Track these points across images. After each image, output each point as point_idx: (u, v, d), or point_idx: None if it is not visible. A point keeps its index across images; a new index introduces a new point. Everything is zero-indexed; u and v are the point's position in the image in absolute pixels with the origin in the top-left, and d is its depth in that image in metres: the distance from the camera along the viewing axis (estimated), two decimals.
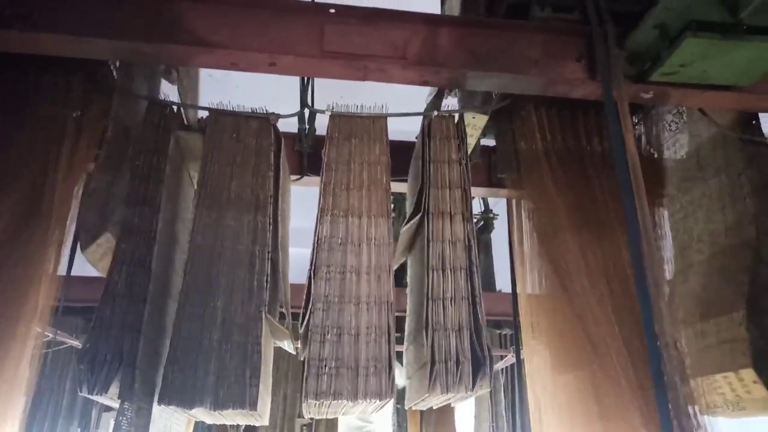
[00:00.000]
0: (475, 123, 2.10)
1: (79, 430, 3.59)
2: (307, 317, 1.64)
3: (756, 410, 1.94)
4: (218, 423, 1.71)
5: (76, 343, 2.85)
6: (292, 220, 2.21)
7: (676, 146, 2.21)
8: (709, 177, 2.12)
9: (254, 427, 5.23)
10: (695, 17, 1.55)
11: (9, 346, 1.77)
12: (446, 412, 4.46)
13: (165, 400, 1.50)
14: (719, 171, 2.06)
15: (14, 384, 1.91)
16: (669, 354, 1.46)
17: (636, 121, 2.14)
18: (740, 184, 1.97)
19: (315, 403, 1.58)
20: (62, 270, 1.97)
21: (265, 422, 1.83)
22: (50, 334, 2.53)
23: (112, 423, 3.52)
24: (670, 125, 2.16)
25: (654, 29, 1.68)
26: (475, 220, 4.87)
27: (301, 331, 1.66)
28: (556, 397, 1.92)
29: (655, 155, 2.14)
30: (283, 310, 1.83)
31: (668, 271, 2.16)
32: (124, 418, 1.48)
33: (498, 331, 4.10)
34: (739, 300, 1.80)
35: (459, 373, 1.59)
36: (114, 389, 1.48)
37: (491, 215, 4.59)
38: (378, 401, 1.58)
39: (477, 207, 4.79)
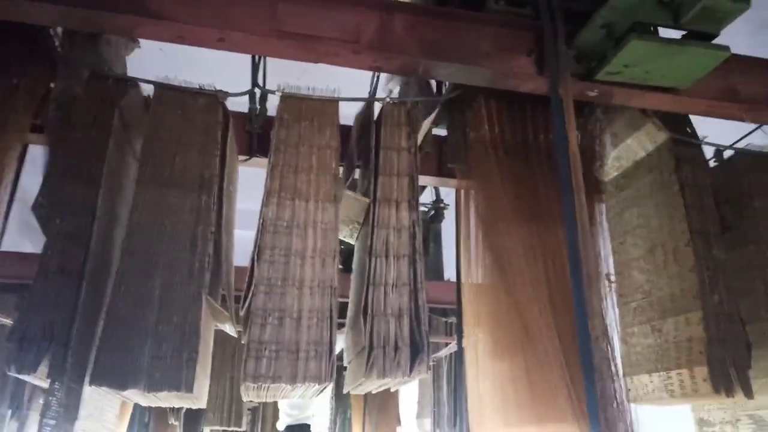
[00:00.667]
0: None
1: (9, 411, 3.45)
2: (248, 300, 1.63)
3: (689, 402, 2.05)
4: (153, 405, 1.67)
5: (9, 322, 2.73)
6: (240, 202, 2.18)
7: (614, 143, 2.29)
8: (643, 175, 2.21)
9: (197, 410, 5.17)
10: (639, 19, 1.60)
11: None
12: (389, 397, 4.52)
13: (97, 381, 1.46)
14: (652, 169, 2.15)
15: None
16: (599, 347, 1.53)
17: (584, 116, 2.20)
18: (671, 182, 2.06)
19: (253, 386, 1.57)
20: None
21: (202, 405, 1.80)
22: None
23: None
24: (609, 123, 2.23)
25: (601, 29, 1.73)
26: (426, 209, 4.94)
27: (242, 313, 1.65)
28: (493, 382, 1.98)
29: (602, 148, 2.21)
30: (225, 293, 1.80)
31: (608, 265, 2.23)
32: (54, 399, 1.43)
33: (444, 319, 4.16)
34: (693, 300, 1.87)
35: (397, 359, 1.61)
36: (44, 369, 1.43)
37: (442, 205, 4.63)
38: (317, 385, 1.59)
39: (428, 196, 4.83)
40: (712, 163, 2.22)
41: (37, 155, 1.91)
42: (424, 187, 4.68)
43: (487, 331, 2.02)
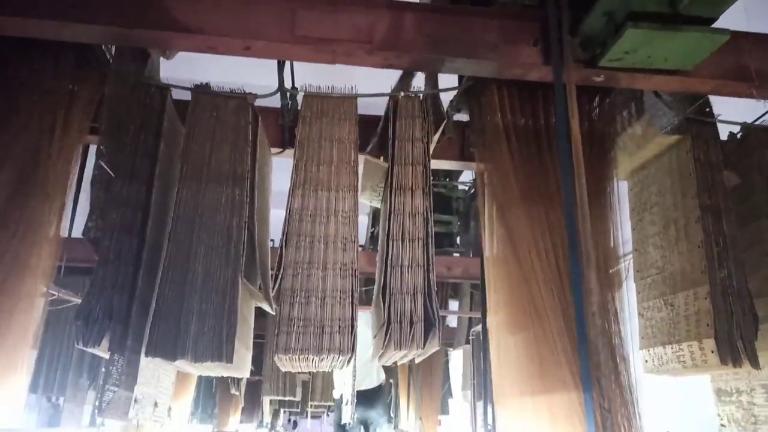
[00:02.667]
0: None
1: (88, 382, 3.84)
2: (278, 281, 1.83)
3: (700, 373, 2.12)
4: (203, 374, 1.91)
5: (78, 300, 3.07)
6: (280, 184, 2.36)
7: (635, 124, 2.34)
8: (662, 153, 2.25)
9: (257, 381, 5.53)
10: (634, 8, 1.66)
11: (15, 303, 1.98)
12: (434, 369, 4.72)
13: (151, 352, 1.70)
14: (671, 147, 2.19)
15: (22, 338, 2.13)
16: (594, 322, 1.63)
17: (596, 101, 2.26)
18: (686, 160, 2.10)
19: (285, 358, 1.77)
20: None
21: (246, 374, 2.04)
22: (55, 293, 2.75)
23: None
24: (629, 106, 2.28)
25: (603, 16, 1.80)
26: (466, 188, 5.03)
27: (273, 293, 1.85)
28: (508, 354, 2.11)
29: (613, 133, 2.26)
30: (261, 275, 2.01)
31: (625, 245, 2.30)
32: (114, 368, 1.69)
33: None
34: (701, 275, 1.95)
35: (412, 333, 1.77)
36: (106, 343, 1.69)
37: None
38: (341, 356, 1.78)
39: (469, 176, 4.93)
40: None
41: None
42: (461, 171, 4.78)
43: (503, 305, 2.15)
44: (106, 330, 1.69)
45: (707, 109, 2.17)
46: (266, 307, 2.10)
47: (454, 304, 5.12)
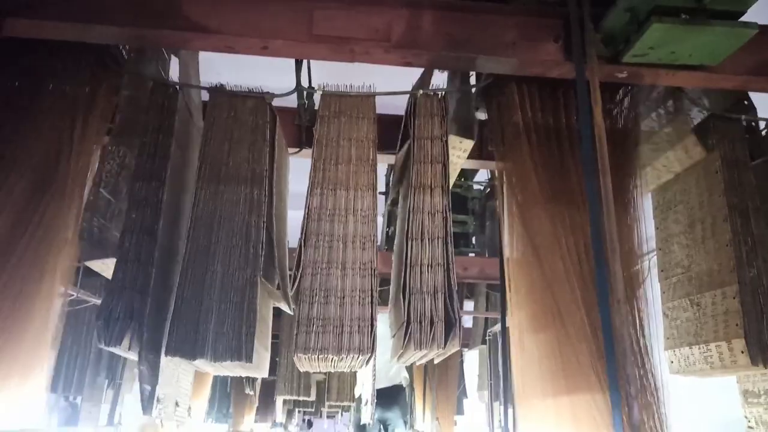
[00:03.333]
0: (462, 146, 2.22)
1: (105, 381, 3.87)
2: (297, 281, 1.82)
3: (728, 374, 2.08)
4: (222, 374, 1.91)
5: (98, 301, 3.09)
6: (296, 186, 2.36)
7: (657, 122, 2.30)
8: (687, 151, 2.21)
9: (272, 381, 5.55)
10: (659, 3, 1.63)
11: (34, 303, 1.99)
12: (450, 370, 4.69)
13: (170, 352, 1.70)
14: (696, 146, 2.15)
15: (41, 338, 2.14)
16: (620, 320, 1.60)
17: (618, 99, 2.22)
18: (712, 159, 2.07)
19: (304, 357, 1.76)
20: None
21: (264, 374, 2.03)
22: (74, 293, 2.76)
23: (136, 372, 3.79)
24: (651, 103, 2.24)
25: (625, 12, 1.76)
26: (482, 187, 5.00)
27: (291, 293, 1.84)
28: (530, 354, 2.08)
29: (636, 131, 2.23)
30: (279, 275, 2.00)
31: (648, 244, 2.26)
32: (145, 367, 1.69)
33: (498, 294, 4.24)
34: (730, 275, 1.91)
35: (432, 333, 1.76)
36: (126, 342, 1.69)
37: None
38: (360, 356, 1.76)
39: (484, 175, 4.89)
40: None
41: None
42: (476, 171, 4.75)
43: (525, 306, 2.12)
44: (126, 329, 1.69)
45: (745, 102, 2.13)
46: (284, 307, 2.09)
47: (469, 305, 5.08)
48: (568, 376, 1.83)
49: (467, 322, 5.60)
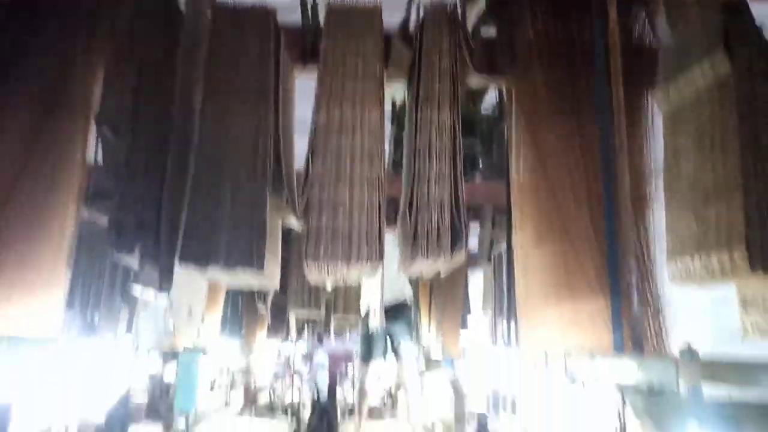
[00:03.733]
0: None
1: (120, 299, 3.99)
2: (306, 195, 1.85)
3: (726, 282, 2.13)
4: (234, 284, 1.97)
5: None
6: (301, 110, 2.34)
7: (669, 39, 2.23)
8: (697, 64, 2.16)
9: (282, 299, 5.72)
10: None
11: (49, 222, 2.04)
12: (455, 289, 4.81)
13: (184, 260, 1.76)
14: (707, 57, 2.10)
15: (58, 256, 2.19)
16: (626, 236, 1.63)
17: (634, 13, 2.15)
18: (723, 69, 2.02)
19: (314, 266, 1.82)
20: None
21: (275, 286, 2.10)
22: (87, 213, 2.80)
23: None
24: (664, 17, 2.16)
25: None
26: (490, 111, 4.93)
27: (300, 207, 1.87)
28: (534, 267, 2.14)
29: (652, 47, 2.17)
30: (287, 189, 2.02)
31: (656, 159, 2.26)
32: (150, 275, 1.75)
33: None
34: (735, 186, 1.91)
35: (439, 243, 1.80)
36: (138, 251, 1.74)
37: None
38: (369, 265, 1.81)
39: (493, 97, 4.81)
40: None
41: None
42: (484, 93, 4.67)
43: (530, 224, 2.16)
44: (138, 239, 1.74)
45: (746, 16, 2.06)
46: (293, 221, 2.13)
47: (475, 228, 5.14)
48: (571, 285, 1.89)
49: (473, 246, 5.69)
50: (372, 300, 3.19)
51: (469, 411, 3.77)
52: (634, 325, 1.69)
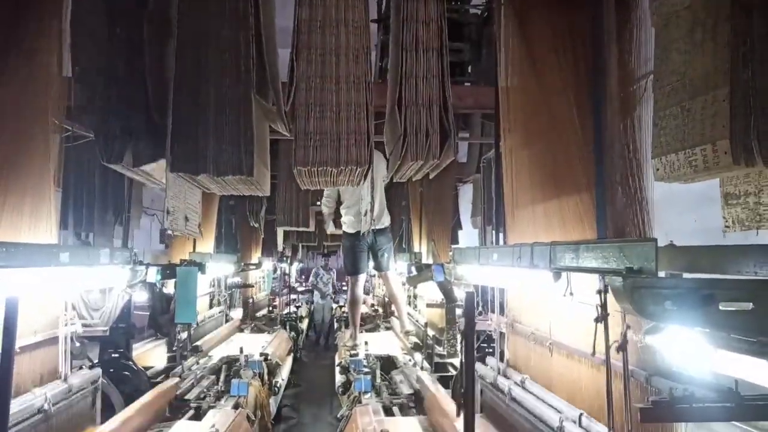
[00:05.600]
0: None
1: (113, 218, 4.00)
2: (291, 96, 1.81)
3: (710, 176, 2.16)
4: (226, 193, 1.98)
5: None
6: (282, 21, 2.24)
7: None
8: None
9: (274, 219, 5.77)
10: None
11: (30, 142, 1.99)
12: (443, 199, 4.86)
13: (174, 168, 1.75)
14: None
15: (45, 175, 2.16)
16: (612, 132, 1.63)
17: None
18: None
19: (304, 171, 1.82)
20: None
21: (266, 192, 2.10)
22: (69, 128, 2.75)
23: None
24: None
25: None
26: (479, 11, 4.77)
27: (287, 109, 1.84)
28: (522, 168, 2.16)
29: None
30: (272, 93, 1.98)
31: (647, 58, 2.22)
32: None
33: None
34: (723, 77, 1.89)
35: (428, 144, 1.79)
36: (128, 158, 1.73)
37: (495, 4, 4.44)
38: (358, 168, 1.82)
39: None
40: None
41: None
42: None
43: (519, 128, 2.15)
44: (126, 146, 1.72)
45: None
46: (281, 127, 2.11)
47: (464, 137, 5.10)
48: (558, 181, 1.91)
49: (462, 157, 5.68)
50: (364, 201, 3.22)
51: (458, 314, 3.93)
52: (618, 219, 1.73)
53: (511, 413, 2.06)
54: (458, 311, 3.95)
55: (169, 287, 3.88)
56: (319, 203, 4.19)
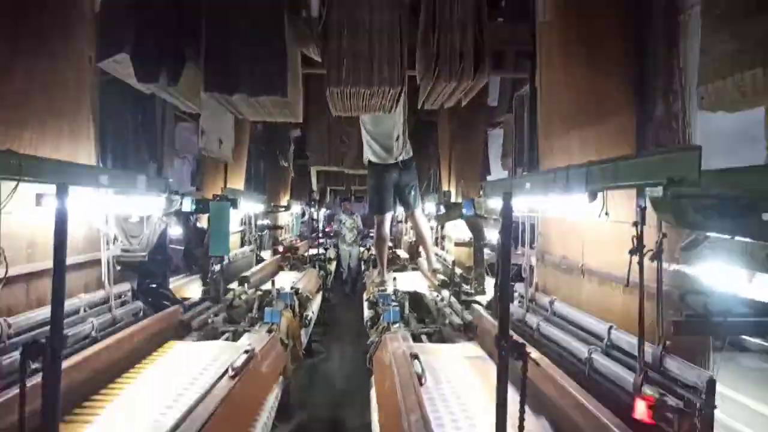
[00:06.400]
0: None
1: (147, 156, 4.06)
2: (324, 16, 1.79)
3: (758, 104, 2.08)
4: (258, 118, 1.98)
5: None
6: None
7: None
8: None
9: (304, 155, 5.76)
10: None
11: (65, 71, 2.01)
12: (472, 142, 4.82)
13: (209, 88, 1.77)
14: None
15: (81, 107, 2.19)
16: (657, 57, 1.56)
17: None
18: None
19: (336, 92, 1.81)
20: None
21: (299, 118, 2.11)
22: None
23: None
24: None
25: None
26: None
27: (319, 29, 1.82)
28: (560, 96, 2.11)
29: None
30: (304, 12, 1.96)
31: None
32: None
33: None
34: None
35: (461, 66, 1.76)
36: (163, 79, 1.74)
37: None
38: (391, 90, 1.80)
39: None
40: None
41: None
42: None
43: (558, 58, 2.09)
44: (161, 67, 1.73)
45: None
46: (312, 50, 2.09)
47: (495, 80, 4.99)
48: (598, 107, 1.87)
49: (492, 102, 5.56)
50: (396, 126, 3.20)
51: (486, 253, 3.94)
52: (659, 144, 1.69)
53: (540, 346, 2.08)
54: (486, 251, 3.96)
55: (203, 222, 3.98)
56: (347, 142, 4.19)
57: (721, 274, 1.41)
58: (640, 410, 1.18)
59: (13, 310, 1.72)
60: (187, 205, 2.93)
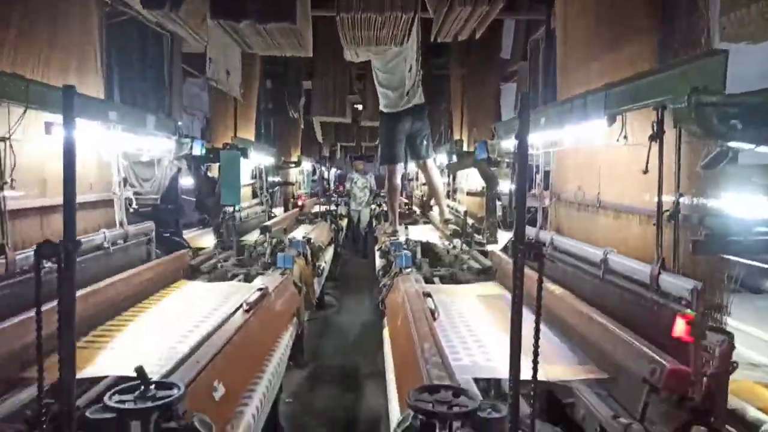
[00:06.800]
0: None
1: (155, 103, 4.01)
2: None
3: None
4: (266, 51, 1.94)
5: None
6: None
7: None
8: None
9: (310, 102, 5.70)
10: None
11: (71, 7, 1.96)
12: (485, 90, 4.73)
13: (215, 15, 1.72)
14: None
15: (88, 45, 2.14)
16: None
17: None
18: None
19: (347, 18, 1.75)
20: None
21: (309, 53, 2.06)
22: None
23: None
24: None
25: None
26: None
27: None
28: (579, 29, 2.04)
29: None
30: None
31: None
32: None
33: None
34: None
35: None
36: (168, 4, 1.69)
37: None
38: (404, 16, 1.74)
39: None
40: None
41: None
42: None
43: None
44: None
45: None
46: None
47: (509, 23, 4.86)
48: (619, 33, 1.80)
49: (505, 54, 5.42)
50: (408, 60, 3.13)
51: (498, 204, 3.90)
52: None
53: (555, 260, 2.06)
54: (498, 203, 3.92)
55: (214, 172, 3.96)
56: (356, 92, 4.11)
57: (741, 200, 1.38)
58: (680, 328, 1.16)
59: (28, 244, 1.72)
60: (197, 149, 2.90)
